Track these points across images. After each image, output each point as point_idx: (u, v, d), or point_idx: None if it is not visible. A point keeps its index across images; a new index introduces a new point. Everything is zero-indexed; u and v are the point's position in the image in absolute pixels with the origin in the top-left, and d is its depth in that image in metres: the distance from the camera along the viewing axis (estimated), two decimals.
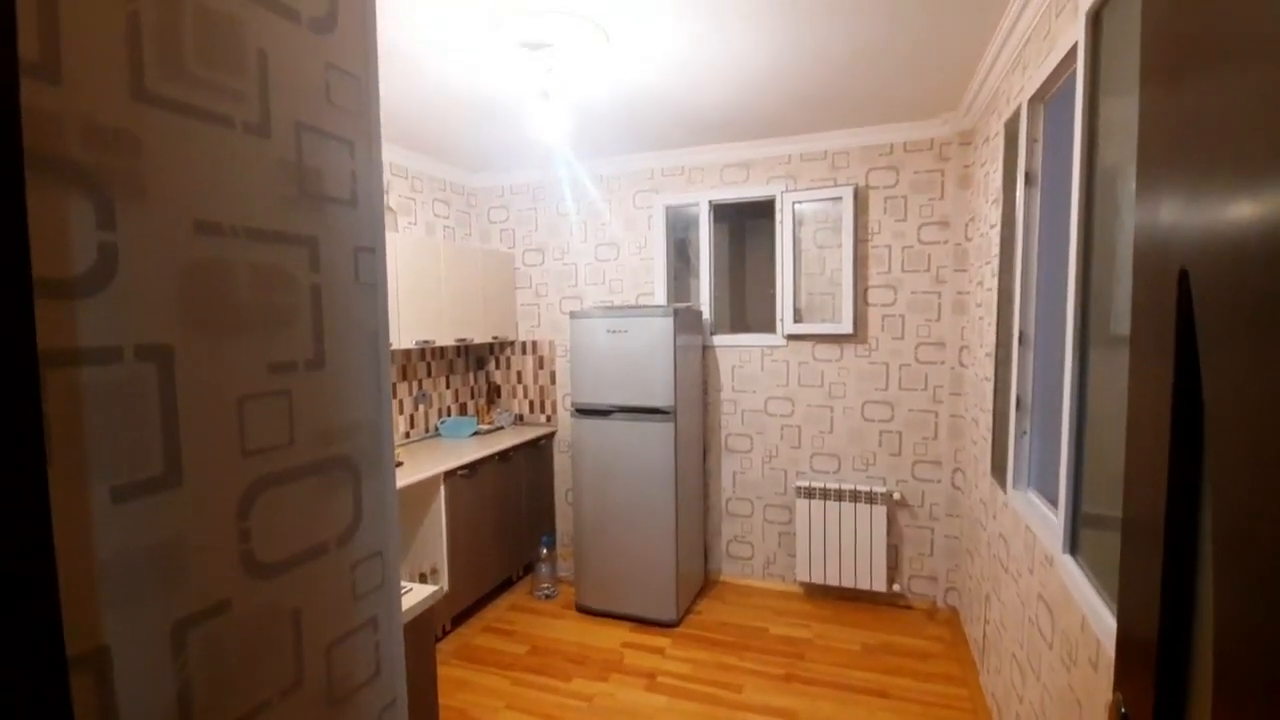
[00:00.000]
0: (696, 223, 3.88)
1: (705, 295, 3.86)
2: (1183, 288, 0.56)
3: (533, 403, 4.30)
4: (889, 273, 3.45)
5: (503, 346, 4.34)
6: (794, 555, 3.68)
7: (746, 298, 4.50)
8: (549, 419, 4.26)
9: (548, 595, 3.75)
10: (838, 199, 3.50)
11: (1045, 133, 2.07)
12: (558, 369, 4.20)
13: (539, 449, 4.08)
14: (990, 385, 2.60)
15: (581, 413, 3.47)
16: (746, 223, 4.47)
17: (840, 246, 3.52)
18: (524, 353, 4.30)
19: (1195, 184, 0.57)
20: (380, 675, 0.68)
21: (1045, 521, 1.84)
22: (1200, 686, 0.61)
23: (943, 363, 3.39)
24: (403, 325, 3.19)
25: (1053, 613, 1.71)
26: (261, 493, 0.54)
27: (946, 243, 3.33)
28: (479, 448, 3.55)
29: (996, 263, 2.51)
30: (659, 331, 3.27)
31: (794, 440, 3.70)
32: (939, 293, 3.37)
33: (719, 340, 3.83)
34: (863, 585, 3.47)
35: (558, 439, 4.22)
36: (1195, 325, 0.55)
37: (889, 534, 3.47)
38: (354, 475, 0.64)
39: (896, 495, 3.50)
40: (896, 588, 3.51)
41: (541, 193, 4.17)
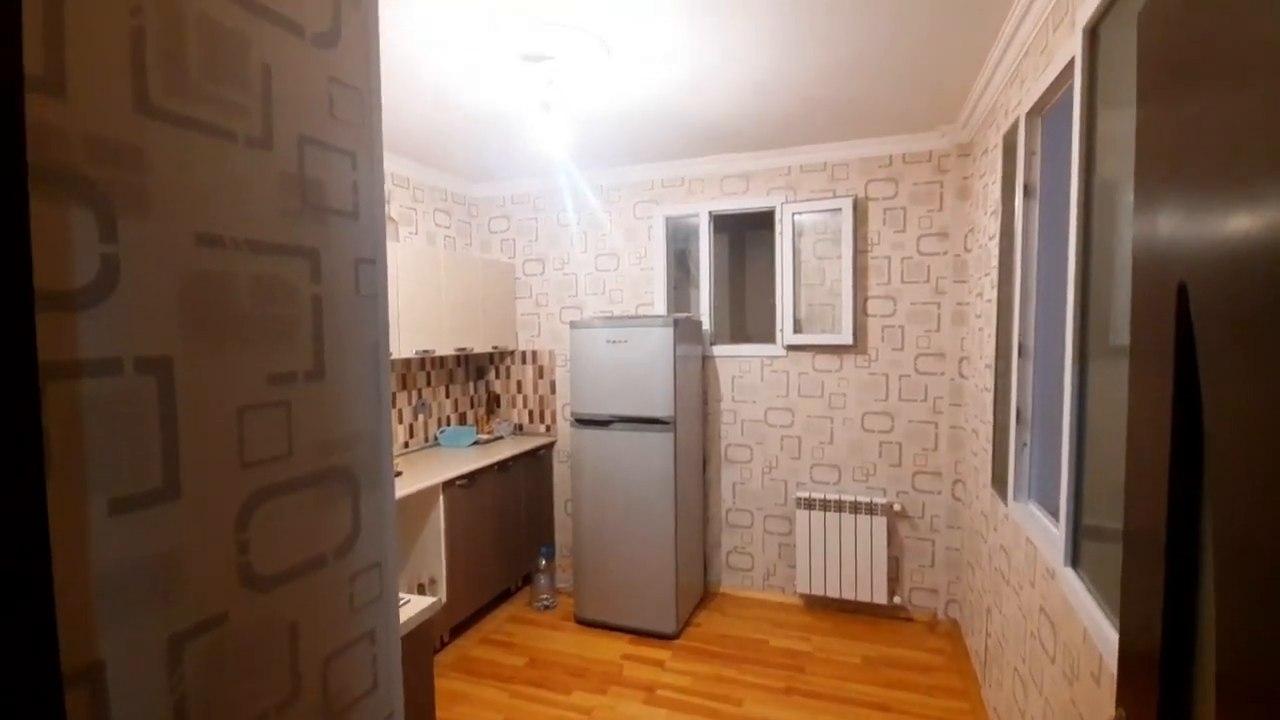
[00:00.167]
0: (696, 233, 3.90)
1: (705, 306, 3.87)
2: (1181, 301, 0.57)
3: (532, 412, 4.30)
4: (888, 284, 3.46)
5: (503, 356, 4.34)
6: (794, 566, 3.66)
7: (746, 308, 4.51)
8: (548, 429, 4.26)
9: (547, 606, 3.73)
10: (837, 210, 3.51)
11: (1043, 145, 2.08)
12: (557, 379, 4.20)
13: (538, 459, 4.07)
14: (990, 396, 2.60)
15: (581, 423, 3.47)
16: (746, 233, 4.49)
17: (840, 257, 3.53)
18: (524, 362, 4.30)
19: (1192, 199, 0.57)
20: (378, 689, 0.67)
21: (1046, 534, 1.83)
22: (1203, 701, 0.61)
23: (942, 374, 3.39)
24: (403, 335, 3.19)
25: (1055, 626, 1.70)
26: (260, 504, 0.54)
27: (946, 254, 3.34)
28: (478, 458, 3.54)
29: (996, 274, 2.52)
30: (659, 342, 3.27)
31: (794, 451, 3.69)
32: (938, 304, 3.38)
33: (719, 351, 3.83)
34: (863, 597, 3.45)
35: (557, 449, 4.22)
36: (1194, 339, 0.55)
37: (889, 545, 3.45)
38: (353, 486, 0.64)
39: (897, 506, 3.49)
40: (897, 600, 3.49)
41: (542, 203, 4.19)
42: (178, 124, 0.47)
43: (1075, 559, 1.59)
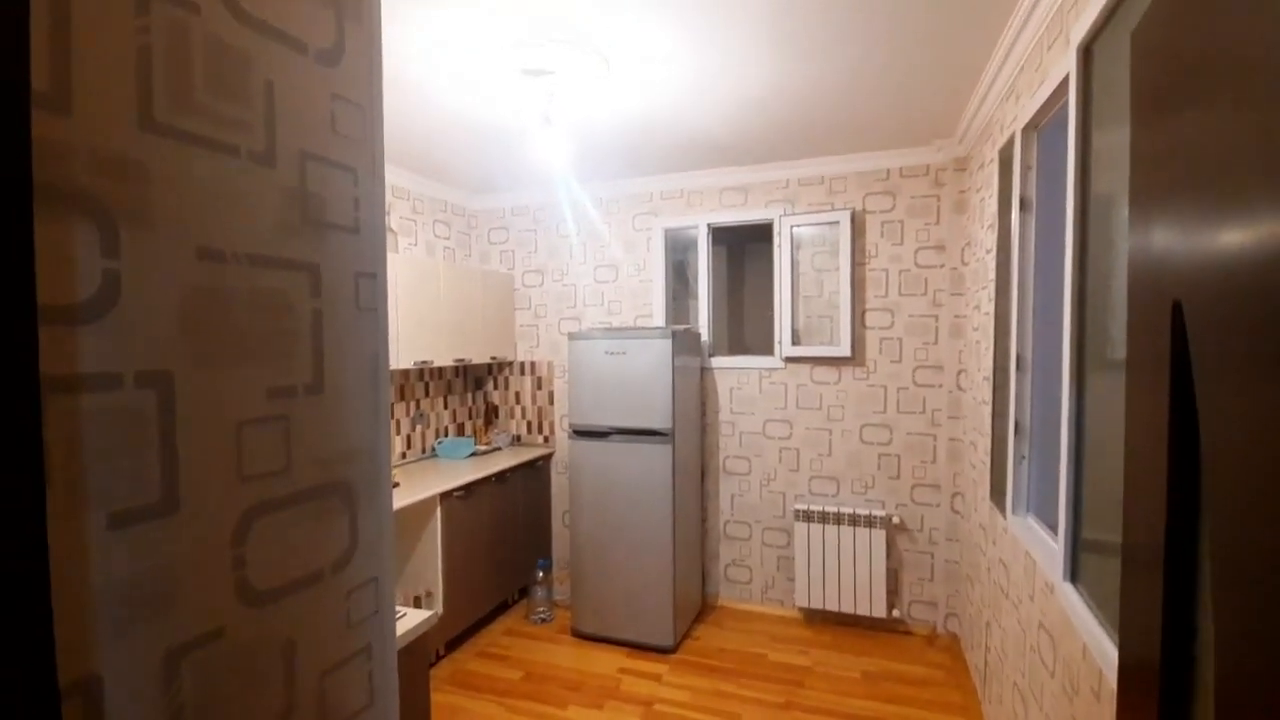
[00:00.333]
0: (695, 245, 3.91)
1: (703, 317, 3.88)
2: (1176, 320, 0.57)
3: (530, 423, 4.29)
4: (886, 296, 3.48)
5: (501, 367, 4.34)
6: (792, 579, 3.64)
7: (745, 320, 4.52)
8: (547, 440, 4.25)
9: (543, 619, 3.70)
10: (835, 223, 3.53)
11: (1039, 160, 2.10)
12: (556, 390, 4.20)
13: (536, 470, 4.06)
14: (988, 409, 2.60)
15: (579, 434, 3.46)
16: (745, 246, 4.51)
17: (838, 270, 3.54)
18: (522, 373, 4.30)
19: (1185, 217, 0.58)
20: (373, 705, 0.67)
21: (1045, 548, 1.83)
22: (1203, 719, 0.61)
23: (940, 386, 3.39)
24: (401, 345, 3.19)
25: (1054, 641, 1.69)
26: (258, 519, 0.54)
27: (943, 267, 3.36)
28: (476, 469, 3.53)
29: (993, 287, 2.53)
30: (657, 353, 3.28)
31: (792, 463, 3.69)
32: (936, 316, 3.39)
33: (717, 362, 3.83)
34: (862, 611, 3.44)
35: (555, 460, 4.21)
36: (1190, 357, 0.56)
37: (888, 558, 3.44)
38: (351, 500, 0.64)
39: (895, 519, 3.48)
40: (896, 613, 3.47)
41: (542, 214, 4.20)
42: (181, 140, 0.48)
43: (1074, 574, 1.58)
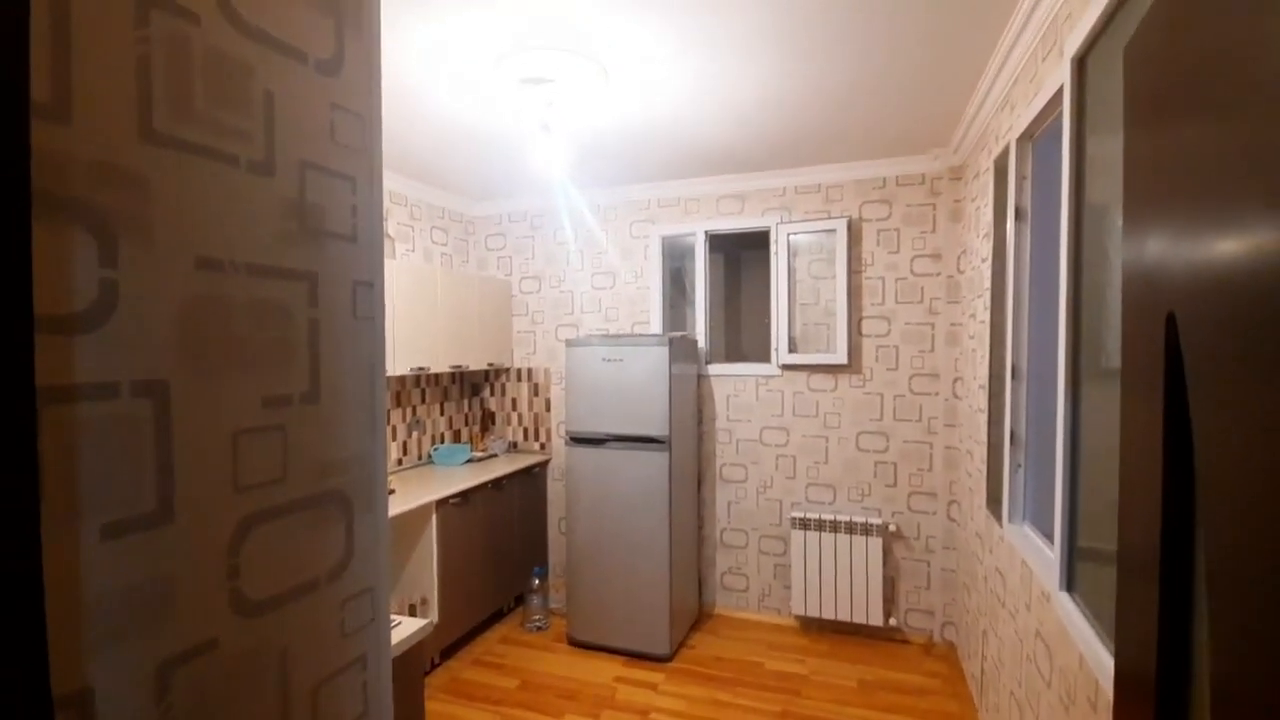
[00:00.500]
0: (692, 252, 3.92)
1: (700, 324, 3.88)
2: (1170, 331, 0.57)
3: (527, 430, 4.28)
4: (883, 304, 3.49)
5: (498, 373, 4.34)
6: (789, 587, 3.64)
7: (742, 327, 4.53)
8: (543, 447, 4.24)
9: (539, 627, 3.68)
10: (832, 231, 3.55)
11: (1034, 170, 2.11)
12: (553, 396, 4.20)
13: (533, 477, 4.05)
14: (984, 417, 2.60)
15: (576, 441, 3.46)
16: (742, 253, 4.52)
17: (834, 277, 3.55)
18: (519, 380, 4.30)
19: (1178, 230, 0.58)
20: (368, 715, 0.66)
21: (1041, 557, 1.83)
22: None
23: (937, 394, 3.40)
24: (398, 351, 3.19)
25: (1051, 651, 1.69)
26: (253, 529, 0.53)
27: (939, 275, 3.37)
28: (472, 475, 3.52)
29: (988, 296, 2.54)
30: (654, 360, 3.28)
31: (789, 470, 3.69)
32: (932, 324, 3.40)
33: (714, 369, 3.84)
34: (859, 619, 3.43)
35: (552, 467, 4.20)
36: (1184, 367, 0.56)
37: (885, 566, 3.44)
38: (346, 510, 0.63)
39: (892, 527, 3.48)
40: (893, 622, 3.46)
41: (539, 221, 4.21)
42: (181, 149, 0.48)
43: (1070, 583, 1.58)
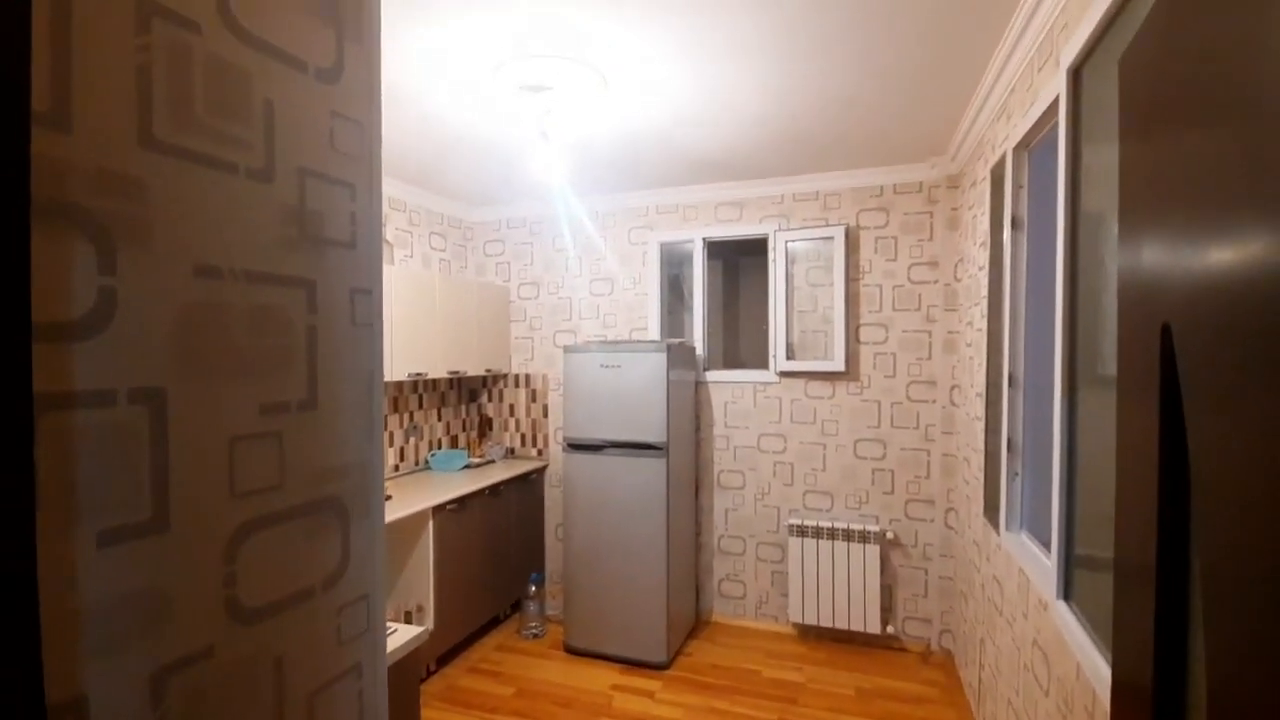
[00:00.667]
0: (691, 259, 3.93)
1: (698, 331, 3.88)
2: (1165, 342, 0.58)
3: (524, 436, 4.28)
4: (880, 311, 3.49)
5: (496, 379, 4.34)
6: (786, 595, 3.63)
7: (739, 334, 4.54)
8: (540, 453, 4.23)
9: (535, 635, 3.67)
10: (829, 238, 3.56)
11: (1030, 179, 2.12)
12: (550, 403, 4.19)
13: (530, 483, 4.04)
14: (981, 425, 2.61)
15: (573, 447, 3.45)
16: (740, 260, 4.54)
17: (832, 285, 3.56)
18: (517, 386, 4.29)
19: (1173, 241, 0.58)
20: None
21: (1038, 565, 1.83)
22: None
23: (934, 401, 3.41)
24: (396, 357, 3.18)
25: (1048, 659, 1.69)
26: (249, 536, 0.53)
27: (936, 283, 3.38)
28: (469, 481, 3.51)
29: (985, 304, 2.54)
30: (652, 367, 3.28)
31: (786, 477, 3.68)
32: (929, 332, 3.41)
33: (712, 376, 3.84)
34: (856, 627, 3.42)
35: (549, 473, 4.19)
36: (1179, 378, 0.56)
37: (882, 574, 3.43)
38: (343, 517, 0.63)
39: (890, 534, 3.47)
40: (890, 630, 3.46)
41: (538, 227, 4.22)
42: (180, 157, 0.48)
43: (1067, 592, 1.58)
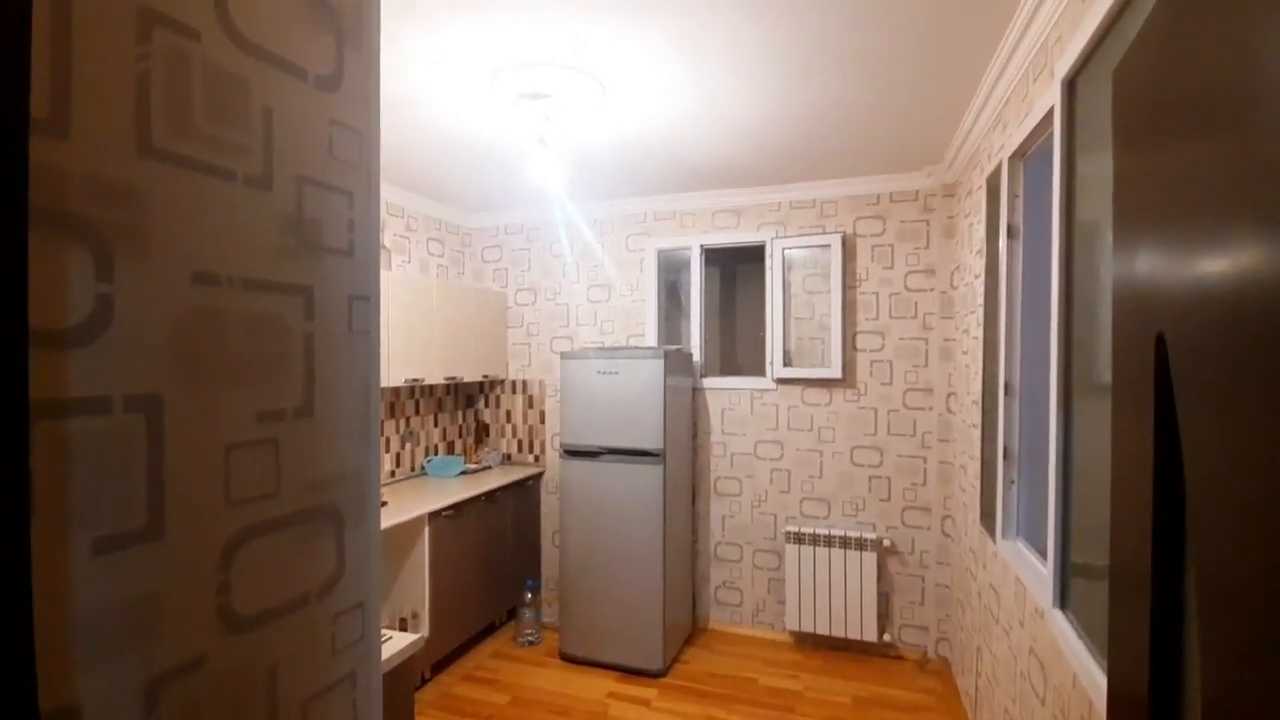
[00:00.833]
0: (688, 266, 3.94)
1: (696, 338, 3.89)
2: (1160, 352, 0.58)
3: (521, 442, 4.27)
4: (877, 319, 3.50)
5: (492, 385, 4.33)
6: (783, 602, 3.62)
7: (737, 341, 4.54)
8: (537, 459, 4.23)
9: (531, 642, 3.65)
10: (826, 246, 3.57)
11: (1025, 188, 2.14)
12: (547, 409, 4.19)
13: (526, 490, 4.03)
14: (978, 432, 2.61)
15: (570, 453, 3.45)
16: (737, 267, 4.54)
17: (829, 292, 3.57)
18: (514, 392, 4.29)
19: (1166, 252, 0.59)
20: None
21: (1035, 573, 1.83)
22: None
23: (930, 409, 3.41)
24: (393, 363, 3.18)
25: (1045, 668, 1.69)
26: (244, 544, 0.53)
27: (933, 290, 3.40)
28: (465, 488, 3.50)
29: (981, 312, 2.55)
30: (649, 373, 3.28)
31: (783, 484, 3.68)
32: (926, 339, 3.42)
33: (709, 383, 3.84)
34: (853, 635, 3.41)
35: (545, 480, 4.18)
36: (1173, 387, 0.57)
37: (879, 581, 3.43)
38: (338, 524, 0.63)
39: (886, 542, 3.47)
40: (887, 637, 3.45)
41: (536, 233, 4.23)
42: (179, 164, 0.48)
43: (1064, 600, 1.58)
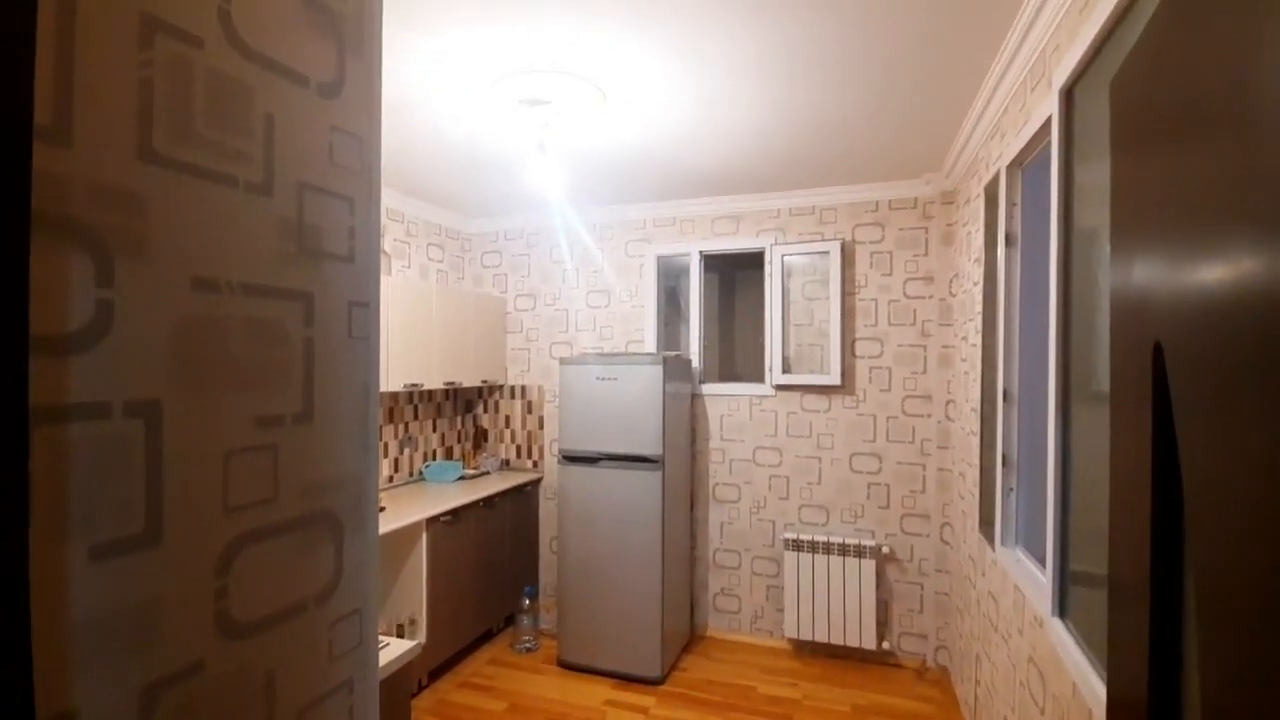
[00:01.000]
0: (687, 272, 3.94)
1: (695, 344, 3.89)
2: (1157, 360, 0.58)
3: (520, 448, 4.26)
4: (875, 325, 3.51)
5: (491, 390, 4.33)
6: (782, 610, 3.61)
7: (736, 347, 4.54)
8: (535, 465, 4.22)
9: (529, 649, 3.64)
10: (825, 253, 3.58)
11: (1024, 196, 2.14)
12: (546, 414, 4.19)
13: (525, 495, 4.02)
14: (976, 440, 2.61)
15: (569, 459, 3.44)
16: (736, 273, 4.55)
17: (828, 299, 3.58)
18: (513, 397, 4.29)
19: (1165, 259, 0.59)
20: None
21: (1034, 581, 1.82)
22: None
23: (929, 416, 3.41)
24: (392, 368, 3.18)
25: (1044, 677, 1.68)
26: (242, 550, 0.53)
27: (931, 298, 3.40)
28: (463, 493, 3.49)
29: (980, 319, 2.56)
30: (648, 379, 3.28)
31: (782, 491, 3.68)
32: (924, 346, 3.42)
33: (708, 389, 3.84)
34: (852, 642, 3.40)
35: (544, 485, 4.17)
36: (1170, 396, 0.57)
37: (878, 589, 3.42)
38: (336, 530, 0.63)
39: (885, 549, 3.46)
40: (886, 645, 3.44)
41: (535, 239, 4.23)
42: (180, 171, 0.48)
43: (1063, 609, 1.58)
